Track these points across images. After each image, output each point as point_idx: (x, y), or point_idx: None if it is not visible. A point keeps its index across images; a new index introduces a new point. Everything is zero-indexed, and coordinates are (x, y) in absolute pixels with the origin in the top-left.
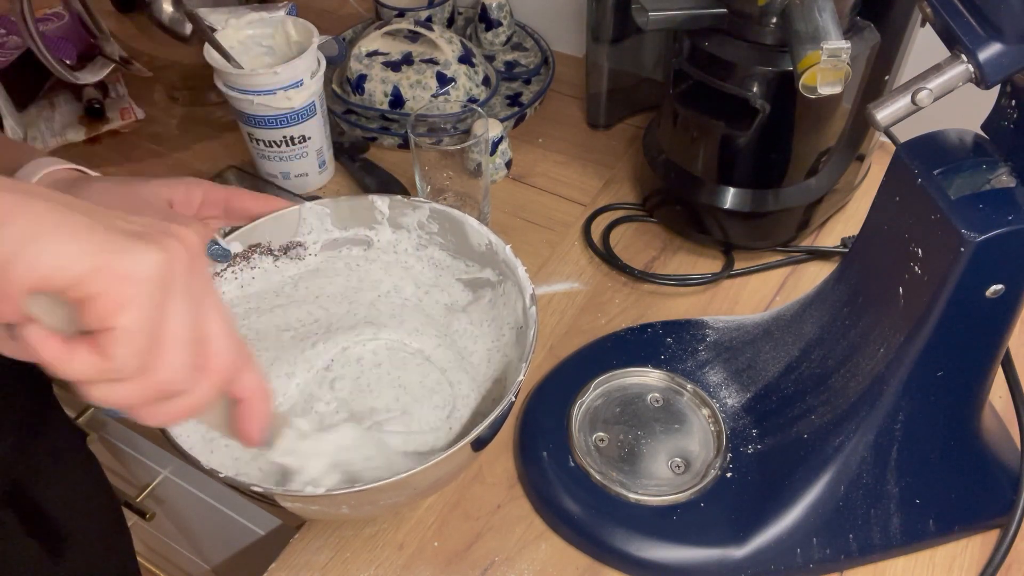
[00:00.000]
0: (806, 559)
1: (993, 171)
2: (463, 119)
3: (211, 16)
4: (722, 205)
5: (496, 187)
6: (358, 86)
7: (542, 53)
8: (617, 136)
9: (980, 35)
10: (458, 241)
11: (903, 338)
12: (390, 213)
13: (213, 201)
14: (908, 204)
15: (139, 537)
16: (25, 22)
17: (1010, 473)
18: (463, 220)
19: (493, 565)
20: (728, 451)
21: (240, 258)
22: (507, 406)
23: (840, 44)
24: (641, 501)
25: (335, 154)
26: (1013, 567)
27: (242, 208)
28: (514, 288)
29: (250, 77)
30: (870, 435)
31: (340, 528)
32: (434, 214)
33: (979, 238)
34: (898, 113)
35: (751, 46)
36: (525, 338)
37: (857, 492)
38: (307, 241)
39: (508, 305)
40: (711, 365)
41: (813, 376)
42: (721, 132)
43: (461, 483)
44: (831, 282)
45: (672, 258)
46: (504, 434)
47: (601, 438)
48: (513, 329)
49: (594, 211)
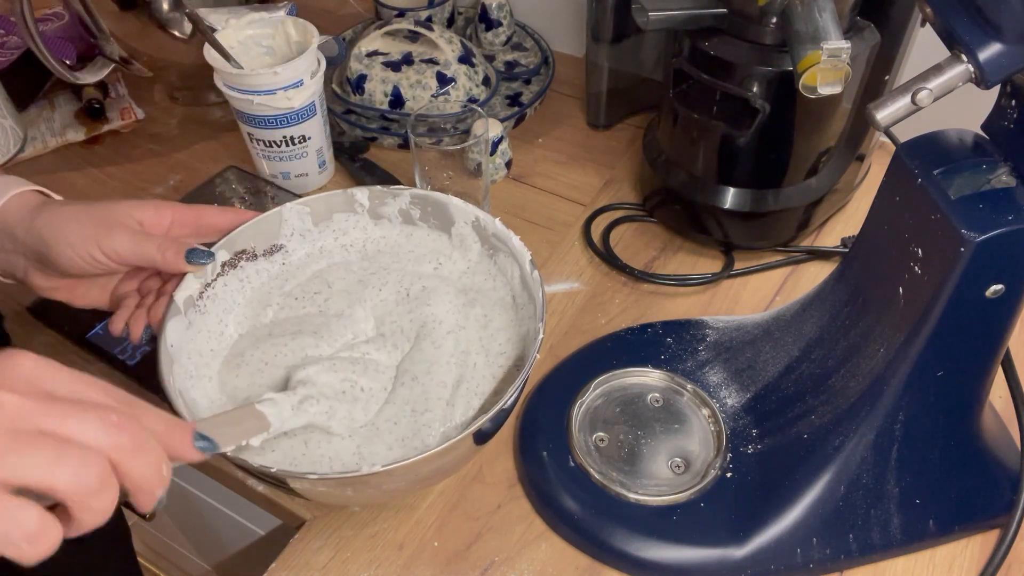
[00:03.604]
0: (806, 559)
1: (993, 171)
2: (463, 119)
3: (211, 16)
4: (722, 205)
5: (496, 187)
6: (358, 86)
7: (542, 53)
8: (617, 136)
9: (980, 35)
10: (443, 223)
11: (903, 338)
12: (370, 204)
13: (183, 221)
14: (908, 204)
15: (139, 537)
16: (25, 22)
17: (1010, 473)
18: (446, 201)
19: (493, 565)
20: (728, 451)
21: (245, 258)
22: (523, 379)
23: (840, 44)
24: (641, 501)
25: (335, 154)
26: (1013, 567)
27: (212, 225)
28: (508, 259)
29: (250, 77)
30: (870, 435)
31: (340, 528)
32: (415, 199)
33: (979, 238)
34: (898, 113)
35: (751, 46)
36: (534, 302)
37: (857, 492)
38: (316, 239)
39: (505, 275)
40: (711, 365)
41: (813, 376)
42: (721, 132)
43: (461, 483)
44: (831, 282)
45: (672, 258)
46: (504, 434)
47: (601, 438)
48: (515, 303)
49: (594, 211)
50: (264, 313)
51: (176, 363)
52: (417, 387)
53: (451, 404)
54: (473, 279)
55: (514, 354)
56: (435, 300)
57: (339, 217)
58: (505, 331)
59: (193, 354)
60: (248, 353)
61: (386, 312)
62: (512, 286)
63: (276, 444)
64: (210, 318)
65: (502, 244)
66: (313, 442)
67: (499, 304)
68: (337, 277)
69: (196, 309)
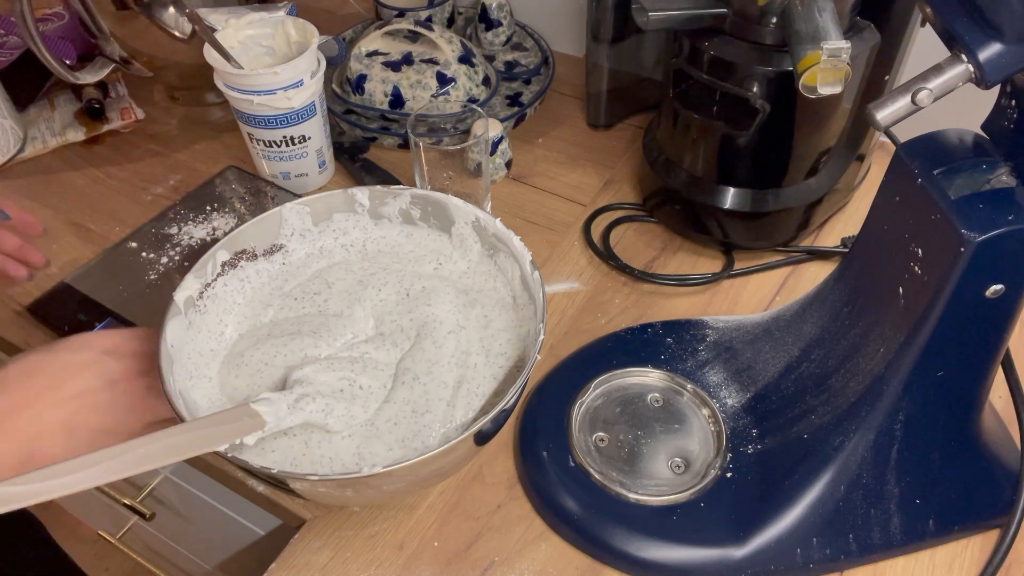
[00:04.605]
0: (806, 559)
1: (993, 171)
2: (463, 119)
3: (211, 16)
4: (722, 205)
5: (496, 187)
6: (358, 86)
7: (542, 53)
8: (617, 136)
9: (980, 35)
10: (443, 223)
11: (903, 338)
12: (370, 204)
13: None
14: (908, 204)
15: (139, 537)
16: (25, 22)
17: (1010, 473)
18: (446, 201)
19: (493, 565)
20: (728, 451)
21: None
22: (524, 379)
23: (840, 44)
24: (641, 501)
25: (335, 154)
26: (1013, 567)
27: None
28: (509, 259)
29: (250, 77)
30: (870, 435)
31: (340, 528)
32: (415, 199)
33: (979, 238)
34: (898, 113)
35: (751, 46)
36: (535, 303)
37: (857, 492)
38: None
39: (505, 276)
40: (711, 365)
41: (813, 376)
42: (721, 132)
43: (461, 483)
44: (831, 282)
45: (672, 258)
46: (504, 434)
47: (601, 438)
48: (515, 303)
49: (594, 211)
50: (264, 313)
51: (176, 363)
52: (418, 387)
53: (451, 405)
54: (473, 279)
55: (514, 355)
56: (435, 300)
57: (339, 217)
58: (505, 332)
59: (193, 354)
60: (248, 353)
61: (386, 312)
62: (512, 286)
63: (276, 444)
64: (210, 318)
65: (502, 244)
66: (313, 442)
67: (499, 304)
68: (337, 277)
69: (196, 309)
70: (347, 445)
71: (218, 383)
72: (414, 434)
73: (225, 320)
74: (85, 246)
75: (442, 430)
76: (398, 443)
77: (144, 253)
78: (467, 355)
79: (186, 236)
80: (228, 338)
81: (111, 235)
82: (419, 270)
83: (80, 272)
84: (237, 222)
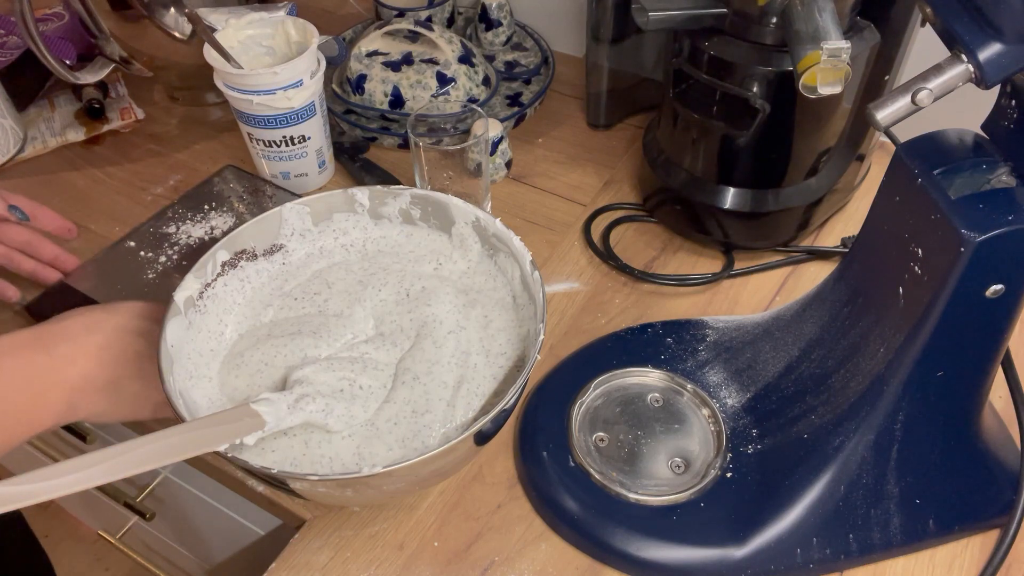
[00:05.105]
0: (806, 559)
1: (993, 171)
2: (463, 119)
3: (211, 16)
4: (722, 205)
5: (496, 187)
6: (358, 86)
7: (542, 53)
8: (617, 136)
9: (980, 35)
10: (443, 223)
11: (903, 338)
12: (370, 204)
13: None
14: (908, 204)
15: (139, 537)
16: (25, 22)
17: (1010, 473)
18: (446, 201)
19: (493, 565)
20: (728, 451)
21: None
22: (524, 380)
23: (840, 44)
24: (641, 501)
25: (335, 154)
26: (1013, 567)
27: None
28: (509, 259)
29: (250, 77)
30: (870, 435)
31: (340, 528)
32: (415, 199)
33: (979, 238)
34: (898, 113)
35: (751, 46)
36: (535, 303)
37: (857, 492)
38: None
39: (505, 276)
40: (711, 365)
41: (813, 376)
42: (721, 132)
43: (461, 483)
44: (831, 282)
45: (672, 258)
46: (504, 434)
47: (601, 438)
48: (516, 303)
49: (594, 211)
50: (264, 313)
51: (176, 363)
52: (418, 387)
53: (451, 405)
54: (473, 279)
55: (514, 355)
56: (435, 300)
57: (339, 217)
58: (505, 332)
59: (193, 354)
60: (248, 353)
61: (386, 312)
62: (512, 286)
63: (276, 444)
64: (210, 318)
65: (502, 244)
66: (313, 442)
67: (499, 304)
68: (337, 277)
69: (196, 309)
70: (347, 445)
71: (218, 383)
72: (414, 434)
73: (225, 320)
74: (85, 246)
75: (442, 430)
76: (398, 443)
77: (142, 252)
78: (467, 355)
79: (184, 235)
80: (228, 338)
81: (111, 235)
82: (419, 270)
83: (79, 271)
84: (235, 221)
